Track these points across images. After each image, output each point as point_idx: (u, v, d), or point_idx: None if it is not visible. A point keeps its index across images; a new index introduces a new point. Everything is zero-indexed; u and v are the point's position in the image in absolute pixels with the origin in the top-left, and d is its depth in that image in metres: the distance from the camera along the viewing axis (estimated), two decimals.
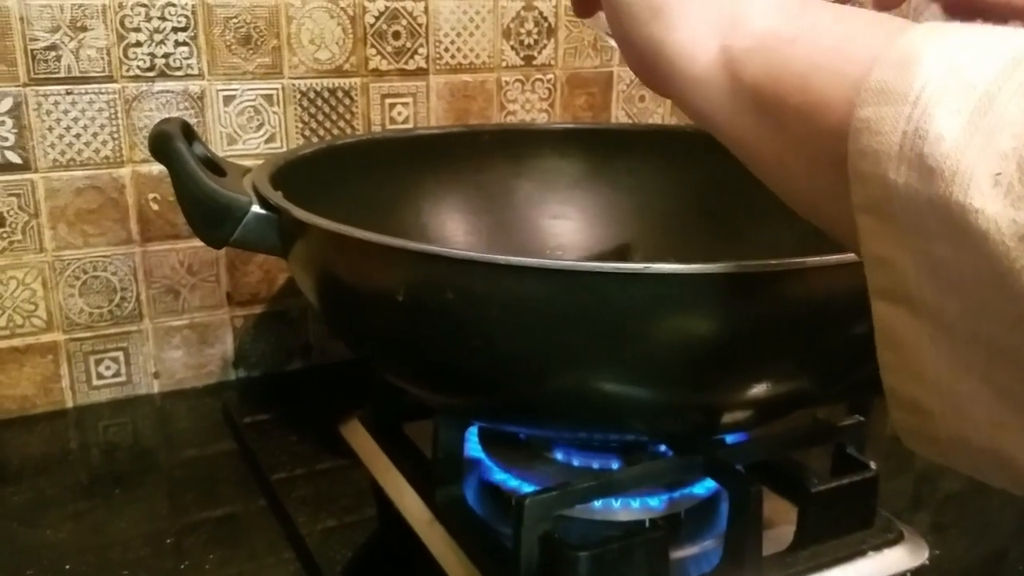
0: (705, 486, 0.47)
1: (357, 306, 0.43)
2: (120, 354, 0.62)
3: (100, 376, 0.62)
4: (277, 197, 0.44)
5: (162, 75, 0.59)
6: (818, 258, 0.36)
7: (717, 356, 0.38)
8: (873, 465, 0.46)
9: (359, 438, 0.56)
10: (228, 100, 0.61)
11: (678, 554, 0.45)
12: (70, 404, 0.61)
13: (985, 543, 0.48)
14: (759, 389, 0.41)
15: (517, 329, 0.37)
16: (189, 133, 0.47)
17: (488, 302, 0.37)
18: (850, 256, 0.36)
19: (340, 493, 0.52)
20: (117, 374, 0.62)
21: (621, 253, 0.65)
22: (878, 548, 0.46)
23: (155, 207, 0.60)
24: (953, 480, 0.54)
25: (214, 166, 0.48)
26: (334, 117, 0.64)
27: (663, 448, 0.47)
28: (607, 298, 0.36)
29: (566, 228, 0.67)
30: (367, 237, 0.38)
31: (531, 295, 0.36)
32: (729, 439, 0.47)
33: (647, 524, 0.45)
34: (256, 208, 0.44)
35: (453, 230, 0.64)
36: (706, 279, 0.35)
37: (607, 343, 0.37)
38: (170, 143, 0.43)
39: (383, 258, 0.39)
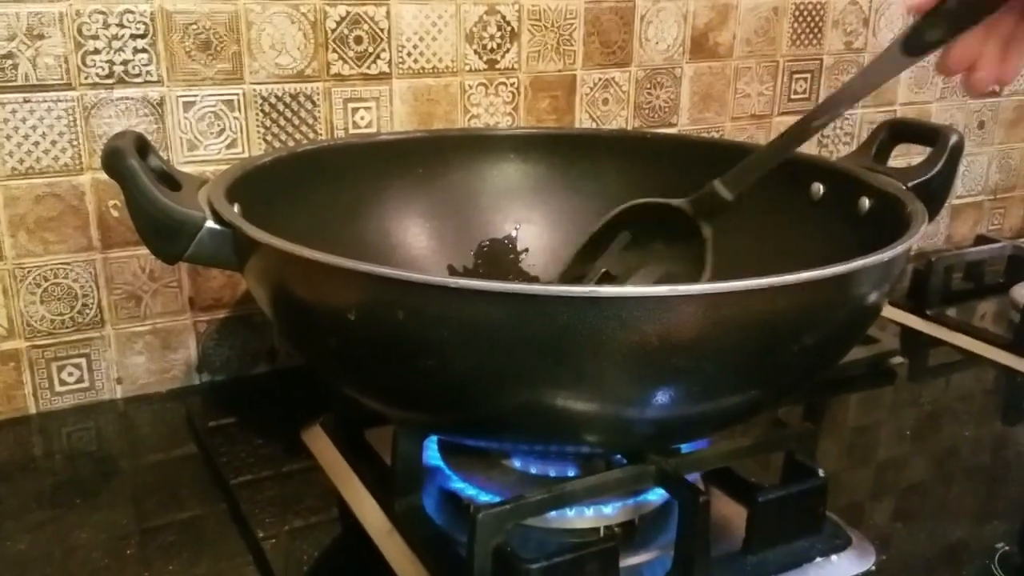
0: (659, 493, 0.48)
1: (310, 323, 0.43)
2: (83, 360, 0.62)
3: (63, 382, 0.62)
4: (230, 212, 0.44)
5: (121, 82, 0.58)
6: (761, 280, 0.37)
7: (665, 374, 0.39)
8: (821, 472, 0.47)
9: (321, 445, 0.57)
10: (188, 106, 0.60)
11: (632, 560, 0.46)
12: (33, 411, 0.61)
13: (931, 549, 0.49)
14: (709, 403, 0.42)
15: (468, 349, 0.38)
16: (144, 146, 0.47)
17: (439, 323, 0.37)
18: (794, 277, 0.38)
19: (302, 497, 0.52)
20: (80, 380, 0.62)
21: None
22: (826, 554, 0.47)
23: (115, 214, 0.60)
24: (901, 486, 0.55)
25: (169, 179, 0.48)
26: (296, 122, 0.64)
27: (619, 456, 0.48)
28: (555, 320, 0.36)
29: (529, 233, 0.67)
30: (317, 257, 0.38)
31: (481, 317, 0.37)
32: (682, 448, 0.48)
33: (601, 532, 0.46)
34: (210, 224, 0.44)
35: (416, 235, 0.64)
36: (651, 301, 0.36)
37: (557, 363, 0.37)
38: (122, 160, 0.43)
39: (334, 278, 0.39)
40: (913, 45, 0.43)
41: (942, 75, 0.43)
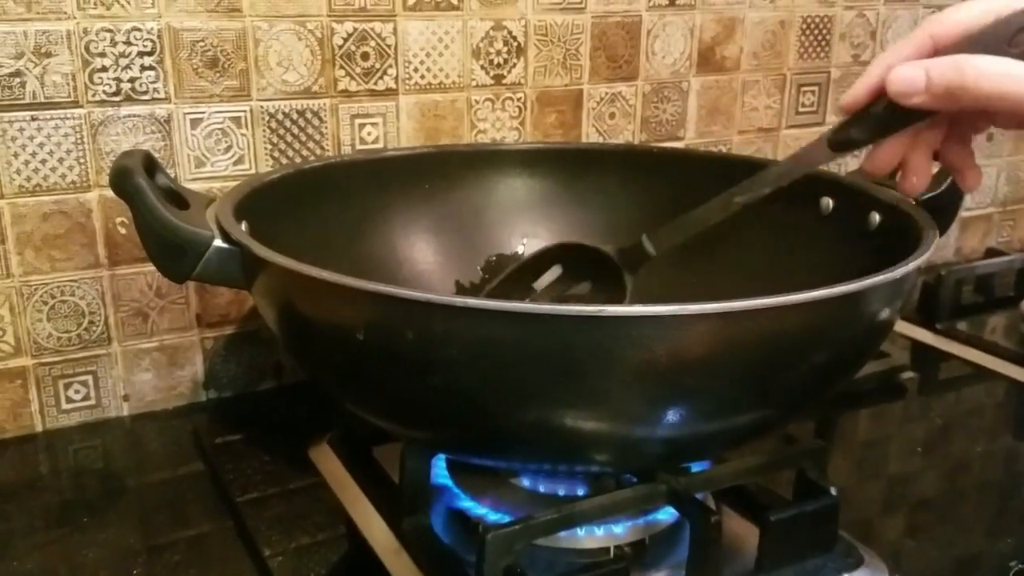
0: (669, 512, 0.48)
1: (318, 342, 0.43)
2: (89, 378, 0.62)
3: (69, 400, 0.62)
4: (238, 231, 0.44)
5: (128, 99, 0.58)
6: (772, 299, 0.36)
7: (675, 393, 0.38)
8: (833, 490, 0.47)
9: (328, 462, 0.56)
10: (195, 123, 0.61)
11: None
12: (39, 428, 0.61)
13: (944, 567, 0.49)
14: (719, 422, 0.41)
15: (476, 369, 0.38)
16: (151, 165, 0.47)
17: (447, 342, 0.37)
18: (805, 295, 0.37)
19: (309, 514, 0.52)
20: (86, 398, 0.62)
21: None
22: (838, 572, 0.46)
23: (122, 231, 0.60)
24: (913, 503, 0.55)
25: (177, 198, 0.48)
26: (303, 138, 0.64)
27: (628, 474, 0.48)
28: (564, 340, 0.36)
29: (537, 247, 0.67)
30: (325, 277, 0.38)
31: (489, 336, 0.37)
32: (693, 467, 0.48)
33: (611, 552, 0.46)
34: (218, 242, 0.44)
35: (423, 250, 0.64)
36: (659, 320, 0.36)
37: (566, 382, 0.37)
38: (130, 178, 0.43)
39: (342, 297, 0.39)
40: (838, 142, 0.45)
41: (868, 175, 0.46)
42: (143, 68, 0.58)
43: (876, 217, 0.53)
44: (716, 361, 0.37)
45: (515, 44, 0.70)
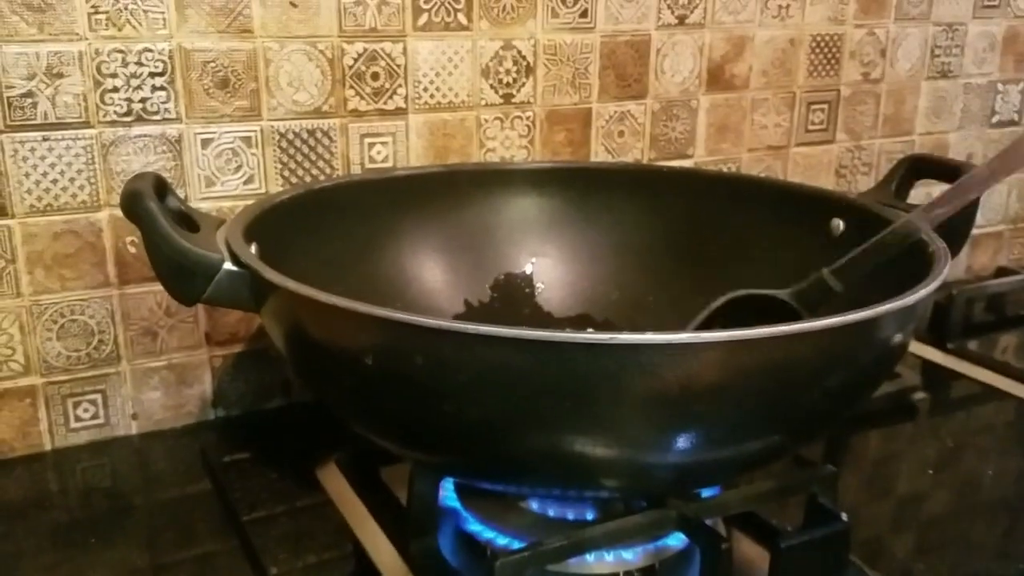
0: (679, 538, 0.47)
1: (326, 365, 0.43)
2: (98, 396, 0.62)
3: (78, 418, 0.62)
4: (247, 254, 0.44)
5: (139, 119, 0.59)
6: (784, 327, 0.36)
7: (686, 420, 0.38)
8: (844, 516, 0.46)
9: (335, 483, 0.56)
10: (206, 143, 0.61)
11: None
12: (48, 447, 0.61)
13: None
14: (731, 449, 0.41)
15: (486, 394, 0.38)
16: (162, 188, 0.47)
17: (457, 368, 0.37)
18: (817, 323, 0.37)
19: (315, 534, 0.52)
20: (95, 416, 0.62)
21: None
22: None
23: (132, 250, 0.60)
24: (924, 526, 0.54)
25: (188, 220, 0.48)
26: (313, 157, 0.64)
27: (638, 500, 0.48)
28: (576, 367, 0.36)
29: (544, 267, 0.67)
30: (334, 302, 0.38)
31: (499, 362, 0.36)
32: (703, 492, 0.47)
33: None
34: (228, 265, 0.44)
35: (431, 269, 0.64)
36: (671, 348, 0.36)
37: (577, 410, 0.37)
38: (141, 202, 0.43)
39: (351, 322, 0.39)
40: None
41: None
42: (154, 89, 0.58)
43: None
44: (728, 389, 0.37)
45: (524, 63, 0.70)
